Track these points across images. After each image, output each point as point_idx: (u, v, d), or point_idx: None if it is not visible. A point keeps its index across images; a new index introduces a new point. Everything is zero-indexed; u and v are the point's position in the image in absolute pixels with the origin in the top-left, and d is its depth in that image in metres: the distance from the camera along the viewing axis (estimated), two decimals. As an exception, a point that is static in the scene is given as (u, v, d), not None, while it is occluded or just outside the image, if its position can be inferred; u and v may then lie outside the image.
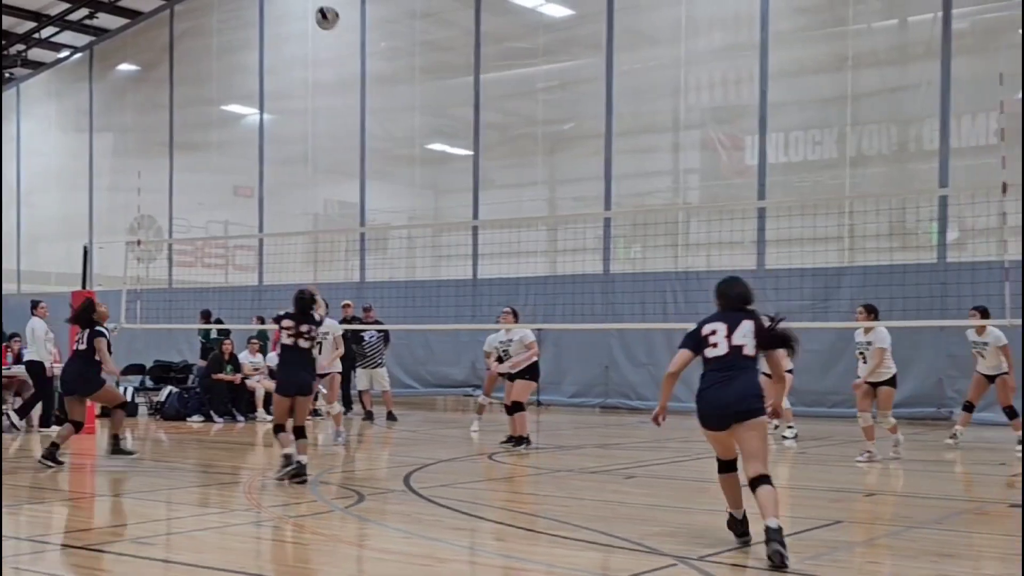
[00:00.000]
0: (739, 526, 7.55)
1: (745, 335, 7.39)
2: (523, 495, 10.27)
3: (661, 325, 20.55)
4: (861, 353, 13.27)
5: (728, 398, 7.38)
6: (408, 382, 24.07)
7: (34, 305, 16.30)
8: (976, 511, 9.48)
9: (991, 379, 14.19)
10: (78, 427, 12.12)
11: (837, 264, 19.59)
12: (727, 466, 7.57)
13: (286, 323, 10.75)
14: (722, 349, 7.43)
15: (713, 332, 7.49)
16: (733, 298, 7.58)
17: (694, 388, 7.74)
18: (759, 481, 7.12)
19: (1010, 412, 14.13)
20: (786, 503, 9.73)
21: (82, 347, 12.15)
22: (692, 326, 7.76)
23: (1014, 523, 8.63)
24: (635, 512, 9.09)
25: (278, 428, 10.69)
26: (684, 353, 7.59)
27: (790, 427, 15.61)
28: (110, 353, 12.47)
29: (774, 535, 6.82)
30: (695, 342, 7.56)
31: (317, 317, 11.05)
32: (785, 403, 15.45)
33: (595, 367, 22.25)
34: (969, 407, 14.57)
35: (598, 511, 9.06)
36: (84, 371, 12.16)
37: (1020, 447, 13.69)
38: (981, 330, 13.90)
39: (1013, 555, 7.23)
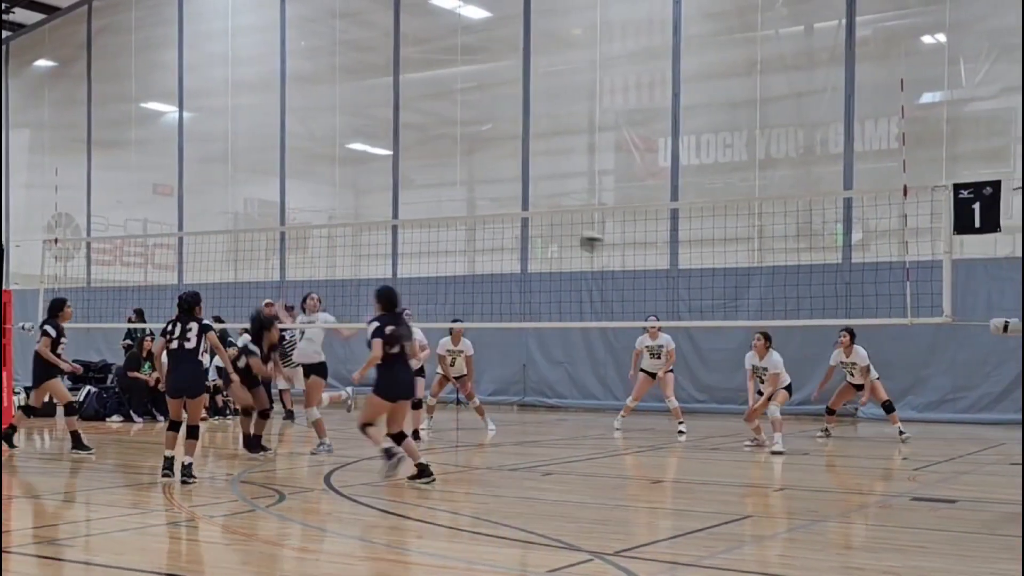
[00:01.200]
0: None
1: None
2: (443, 493, 10.42)
3: (578, 324, 20.91)
4: (761, 378, 14.25)
5: (411, 380, 10.64)
6: (329, 381, 24.04)
7: None
8: (879, 505, 9.81)
9: (858, 387, 15.48)
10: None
11: (747, 264, 20.05)
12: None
13: (169, 327, 11.11)
14: (397, 348, 10.19)
15: (391, 334, 10.16)
16: (393, 302, 10.41)
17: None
18: (403, 435, 10.22)
19: (888, 407, 15.47)
20: (697, 498, 10.10)
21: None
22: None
23: (915, 516, 9.01)
24: (553, 508, 9.26)
25: (173, 425, 11.06)
26: (380, 342, 10.11)
27: (680, 422, 16.23)
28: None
29: (423, 468, 10.17)
30: (384, 336, 10.14)
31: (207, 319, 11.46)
32: (674, 401, 16.33)
33: (513, 365, 22.53)
34: (831, 412, 15.90)
35: (516, 508, 9.26)
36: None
37: (901, 436, 15.01)
38: (849, 352, 15.18)
39: (914, 547, 7.57)
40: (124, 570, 6.82)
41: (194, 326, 11.01)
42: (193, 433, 10.90)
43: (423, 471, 10.20)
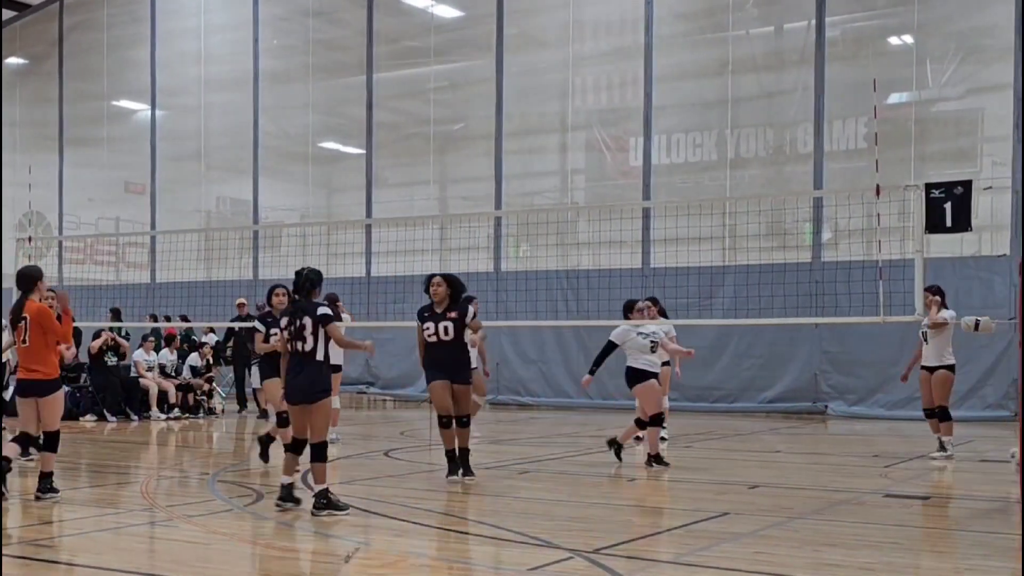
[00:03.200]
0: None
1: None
2: (419, 491, 10.46)
3: (551, 323, 20.99)
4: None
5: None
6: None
7: None
8: (853, 502, 9.88)
9: (932, 371, 12.85)
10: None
11: (719, 263, 20.18)
12: None
13: (284, 321, 8.98)
14: None
15: None
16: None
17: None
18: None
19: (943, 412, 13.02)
20: (674, 496, 10.19)
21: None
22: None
23: (888, 513, 9.11)
24: (529, 506, 9.31)
25: (296, 445, 9.04)
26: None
27: (664, 427, 15.43)
28: None
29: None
30: None
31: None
32: (665, 401, 15.44)
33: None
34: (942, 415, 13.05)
35: (493, 506, 9.33)
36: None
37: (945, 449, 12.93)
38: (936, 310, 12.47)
39: (887, 543, 7.66)
40: (102, 570, 6.83)
41: (308, 322, 8.79)
42: (321, 454, 8.82)
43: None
